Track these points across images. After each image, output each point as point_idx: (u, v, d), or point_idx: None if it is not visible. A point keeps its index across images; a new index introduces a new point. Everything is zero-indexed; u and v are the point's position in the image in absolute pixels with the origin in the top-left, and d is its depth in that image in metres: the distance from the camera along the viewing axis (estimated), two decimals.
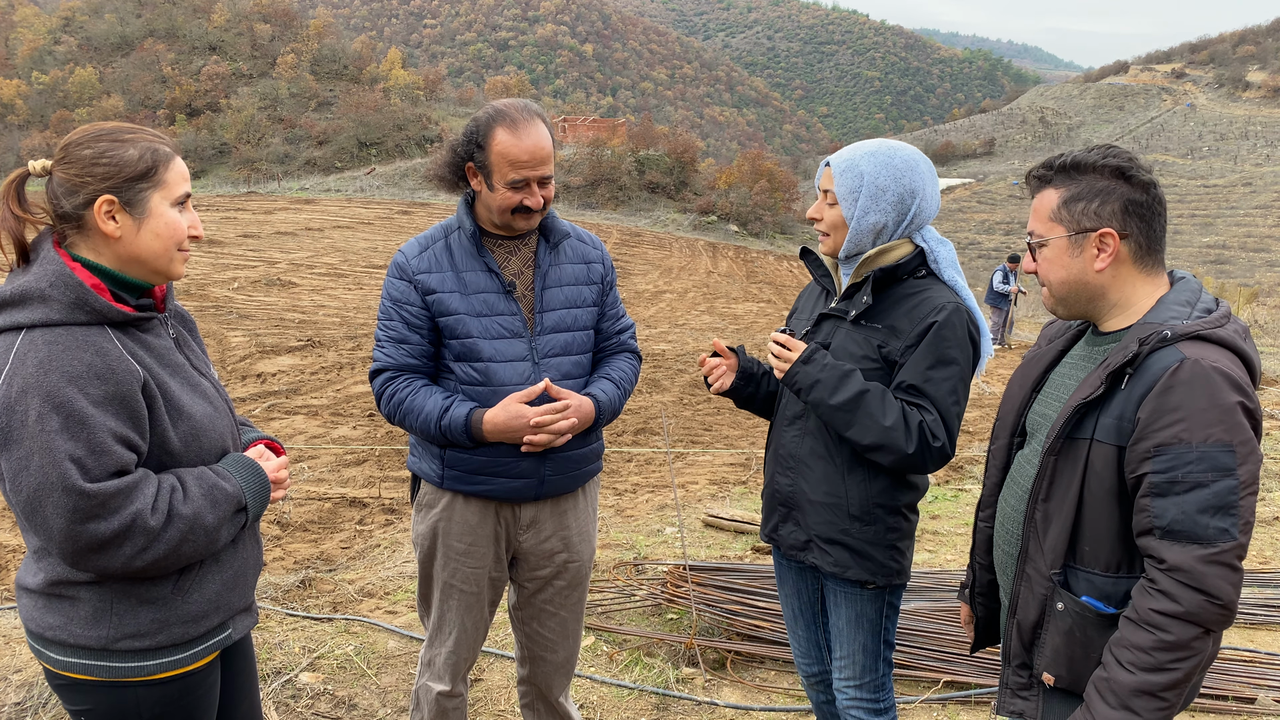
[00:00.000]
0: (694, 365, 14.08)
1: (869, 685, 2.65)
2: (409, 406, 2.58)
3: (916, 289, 2.47)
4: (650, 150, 63.62)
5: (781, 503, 2.64)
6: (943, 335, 2.38)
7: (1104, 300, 1.98)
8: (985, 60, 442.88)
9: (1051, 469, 1.96)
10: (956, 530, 6.28)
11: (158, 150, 1.89)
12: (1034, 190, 2.03)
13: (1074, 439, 1.93)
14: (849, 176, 2.46)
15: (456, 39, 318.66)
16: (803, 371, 2.44)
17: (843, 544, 2.51)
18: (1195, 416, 1.75)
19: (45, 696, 3.49)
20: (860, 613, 2.58)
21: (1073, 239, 1.95)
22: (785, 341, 2.50)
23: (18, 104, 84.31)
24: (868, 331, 2.47)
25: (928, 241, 2.53)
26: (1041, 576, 1.99)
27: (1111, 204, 1.91)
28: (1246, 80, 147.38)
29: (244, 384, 11.50)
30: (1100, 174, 1.92)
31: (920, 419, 2.37)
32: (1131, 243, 1.92)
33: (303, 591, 4.85)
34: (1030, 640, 2.03)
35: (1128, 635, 1.80)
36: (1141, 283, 1.95)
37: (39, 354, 1.74)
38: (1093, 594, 1.92)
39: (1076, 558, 1.95)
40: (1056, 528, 1.95)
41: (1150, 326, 1.86)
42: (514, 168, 2.52)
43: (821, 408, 2.42)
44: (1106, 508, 1.89)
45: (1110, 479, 1.87)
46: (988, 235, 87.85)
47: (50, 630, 1.87)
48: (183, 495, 1.85)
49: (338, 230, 35.13)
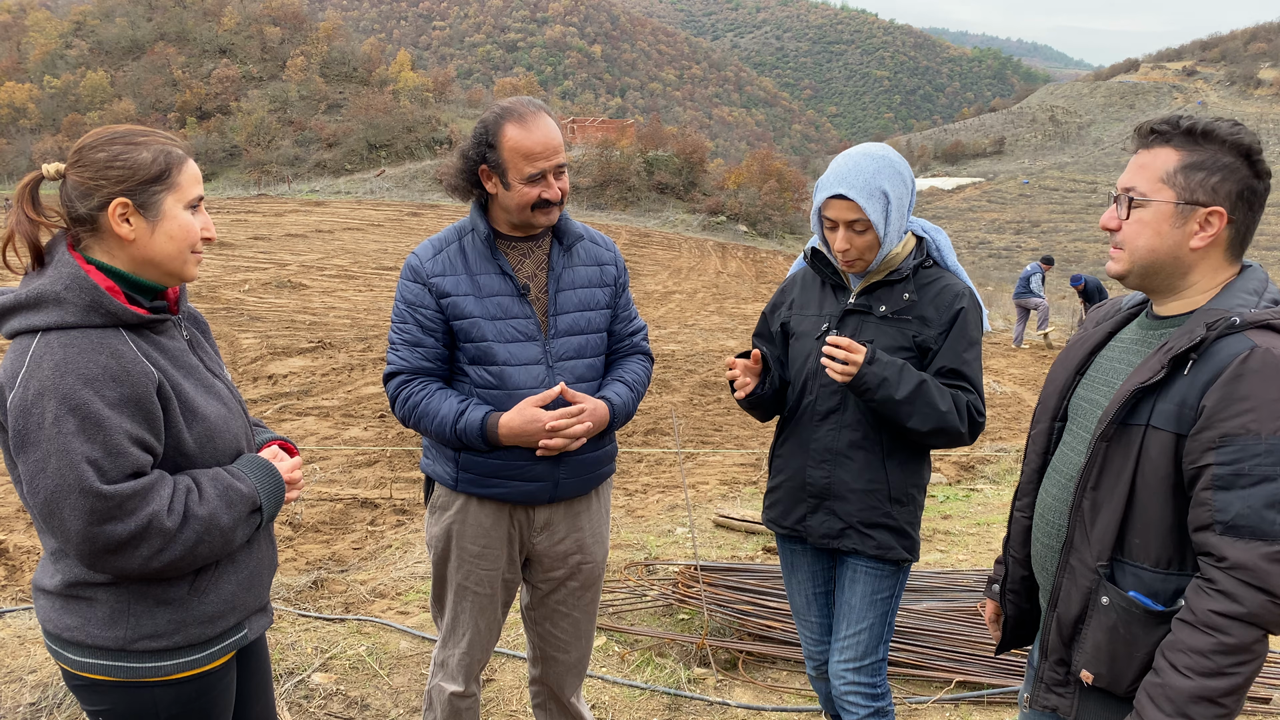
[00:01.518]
0: (704, 366, 14.07)
1: (868, 669, 2.70)
2: (424, 410, 2.58)
3: (931, 278, 2.64)
4: (659, 151, 63.59)
5: (813, 495, 2.70)
6: (968, 320, 2.58)
7: (1182, 280, 1.87)
8: (995, 59, 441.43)
9: (1103, 455, 1.86)
10: (968, 530, 6.26)
11: (171, 153, 1.90)
12: (1146, 144, 1.88)
13: (1128, 425, 1.82)
14: (876, 201, 2.51)
15: (465, 41, 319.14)
16: (870, 372, 2.48)
17: (885, 526, 2.64)
18: (1266, 407, 1.66)
19: (60, 697, 3.51)
20: (876, 589, 2.68)
21: (1179, 208, 1.81)
22: (846, 345, 2.49)
23: (30, 108, 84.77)
24: (899, 324, 2.60)
25: (927, 232, 2.70)
26: (1086, 569, 1.89)
27: (1230, 184, 1.79)
28: (1258, 78, 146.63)
29: (255, 386, 11.54)
30: (1227, 149, 1.79)
31: (966, 399, 2.55)
32: (1234, 229, 1.82)
33: (315, 592, 4.87)
34: (1070, 635, 1.94)
35: (1183, 638, 1.70)
36: (1223, 269, 1.85)
37: (55, 357, 1.75)
38: (1140, 590, 1.82)
39: (1124, 551, 1.85)
40: (1105, 518, 1.85)
41: (1217, 312, 1.77)
42: (529, 161, 2.52)
43: (888, 404, 2.49)
44: (1160, 499, 1.79)
45: (1166, 468, 1.77)
46: (998, 234, 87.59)
47: (68, 631, 1.88)
48: (198, 496, 1.86)
49: (348, 232, 35.21)
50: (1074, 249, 75.80)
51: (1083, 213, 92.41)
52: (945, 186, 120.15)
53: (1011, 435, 10.63)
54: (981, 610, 4.32)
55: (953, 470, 8.60)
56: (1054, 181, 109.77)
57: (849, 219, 2.52)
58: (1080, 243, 79.81)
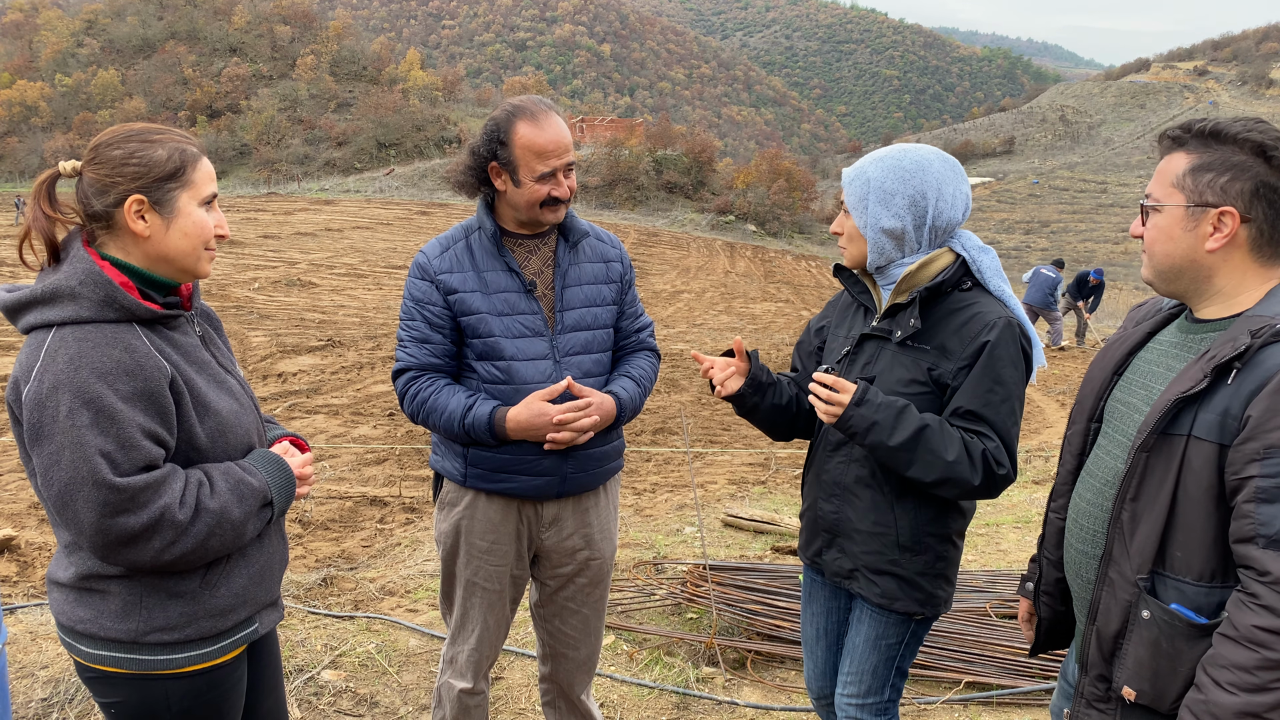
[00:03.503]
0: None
1: (871, 708, 2.53)
2: (432, 406, 2.59)
3: (963, 303, 2.33)
4: (668, 150, 63.60)
5: (825, 529, 2.53)
6: (996, 355, 2.25)
7: (1208, 284, 1.81)
8: (1005, 58, 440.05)
9: (1143, 466, 1.80)
10: (977, 531, 6.25)
11: (186, 151, 1.92)
12: (1164, 151, 1.86)
13: (1169, 435, 1.76)
14: (857, 184, 2.37)
15: (475, 40, 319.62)
16: (857, 415, 2.24)
17: (891, 574, 2.40)
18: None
19: (72, 692, 3.53)
20: (881, 635, 2.48)
21: (1190, 211, 1.78)
22: (832, 383, 2.28)
23: (41, 106, 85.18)
24: (916, 353, 2.33)
25: (969, 250, 2.38)
26: (1126, 582, 1.83)
27: (1242, 182, 1.73)
28: (1270, 78, 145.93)
29: (265, 383, 11.58)
30: (1239, 147, 1.74)
31: (983, 448, 2.24)
32: (1253, 228, 1.75)
33: (324, 590, 4.88)
34: (1111, 651, 1.87)
35: (1225, 653, 1.65)
36: (1254, 273, 1.78)
37: (69, 351, 1.76)
38: (1183, 603, 1.75)
39: (1165, 564, 1.78)
40: (1146, 530, 1.79)
41: (1261, 319, 1.70)
42: (540, 159, 2.53)
43: (880, 450, 2.25)
44: (1203, 510, 1.72)
45: (1209, 479, 1.71)
46: (1007, 234, 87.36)
47: (81, 624, 1.90)
48: (210, 490, 1.88)
49: (357, 231, 35.31)
50: (1084, 249, 75.55)
51: (1093, 213, 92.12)
52: None
53: (1021, 436, 10.61)
54: (990, 611, 4.34)
55: None
56: (1064, 181, 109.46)
57: (841, 198, 2.44)
58: (1090, 243, 79.58)
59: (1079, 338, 18.09)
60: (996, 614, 4.33)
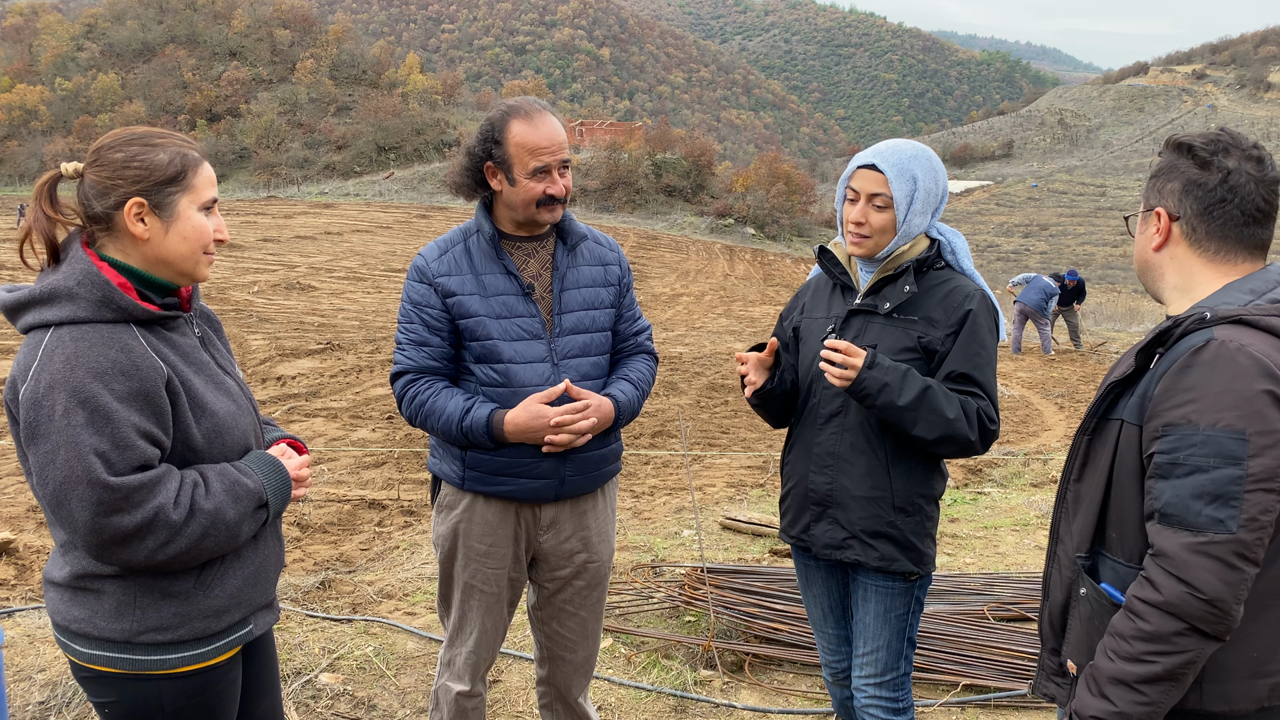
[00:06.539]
0: (711, 368, 14.07)
1: (889, 684, 2.65)
2: (430, 408, 2.60)
3: (941, 279, 2.57)
4: (667, 153, 63.58)
5: (815, 502, 2.64)
6: (979, 323, 2.50)
7: (1164, 282, 1.91)
8: (1003, 62, 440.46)
9: (1084, 449, 1.91)
10: (975, 534, 6.25)
11: (187, 155, 1.93)
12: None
13: (1108, 419, 1.87)
14: (904, 182, 2.50)
15: (474, 44, 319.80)
16: (870, 378, 2.40)
17: (888, 536, 2.55)
18: (1208, 398, 1.66)
19: (69, 696, 3.53)
20: (889, 607, 2.61)
21: (1143, 216, 1.92)
22: (845, 349, 2.42)
23: (41, 110, 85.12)
24: (904, 324, 2.53)
25: (944, 234, 2.63)
26: (1069, 560, 1.93)
27: (1174, 182, 1.85)
28: (1268, 81, 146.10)
29: (264, 387, 11.59)
30: (1177, 152, 1.86)
31: (977, 406, 2.45)
32: (1184, 224, 1.84)
33: (322, 593, 4.89)
34: (1060, 625, 1.97)
35: (1115, 622, 1.75)
36: (1202, 268, 1.85)
37: (66, 350, 1.77)
38: (1115, 583, 1.83)
39: (1105, 544, 1.88)
40: (1084, 510, 1.90)
41: (1198, 308, 1.78)
42: (534, 155, 2.54)
43: (890, 410, 2.41)
44: (1131, 492, 1.80)
45: (1133, 461, 1.79)
46: (1006, 238, 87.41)
47: (75, 623, 1.91)
48: (205, 490, 1.88)
49: (356, 234, 35.32)
50: (1082, 252, 75.55)
51: (1091, 216, 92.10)
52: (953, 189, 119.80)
53: (1020, 439, 10.61)
54: (988, 614, 4.34)
55: (960, 473, 8.59)
56: (1063, 185, 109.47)
57: (872, 191, 2.51)
58: (1089, 246, 79.57)
59: (1074, 340, 18.10)
60: (994, 617, 4.33)
